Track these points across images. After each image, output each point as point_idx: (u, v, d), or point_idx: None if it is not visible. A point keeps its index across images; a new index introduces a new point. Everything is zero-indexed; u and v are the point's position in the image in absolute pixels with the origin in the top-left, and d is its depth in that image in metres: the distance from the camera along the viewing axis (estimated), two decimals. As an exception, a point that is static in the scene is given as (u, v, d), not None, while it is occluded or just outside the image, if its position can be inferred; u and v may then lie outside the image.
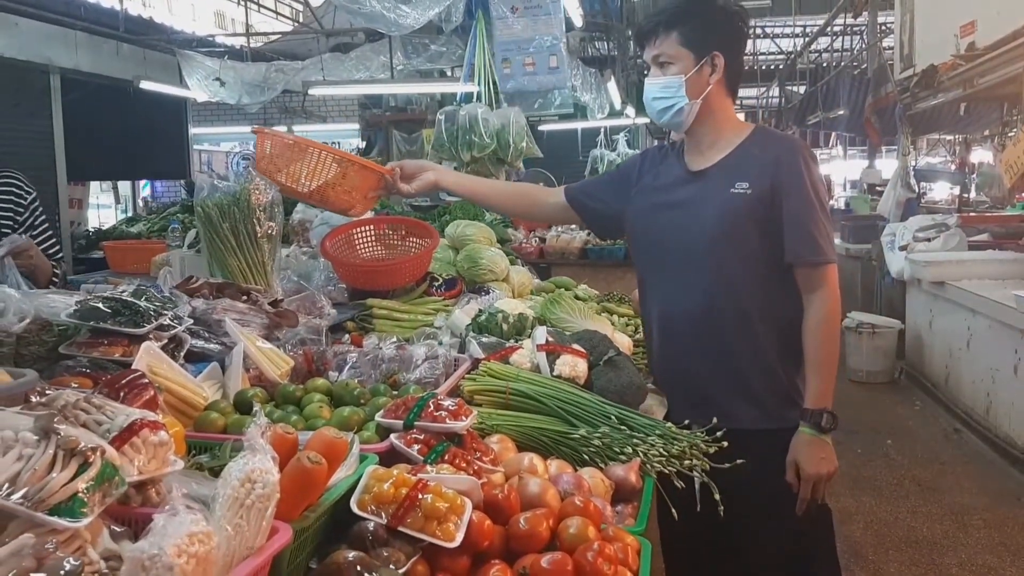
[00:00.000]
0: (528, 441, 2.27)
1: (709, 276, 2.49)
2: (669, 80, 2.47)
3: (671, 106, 2.49)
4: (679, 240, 2.54)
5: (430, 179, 2.78)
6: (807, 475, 2.44)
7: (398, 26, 6.13)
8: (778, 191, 2.43)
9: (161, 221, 8.24)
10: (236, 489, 1.40)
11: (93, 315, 2.23)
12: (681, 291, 2.55)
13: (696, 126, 2.54)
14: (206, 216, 2.82)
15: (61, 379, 2.03)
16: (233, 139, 18.02)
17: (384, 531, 1.64)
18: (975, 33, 7.13)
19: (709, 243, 2.48)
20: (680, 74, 2.46)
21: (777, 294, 2.50)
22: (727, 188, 2.47)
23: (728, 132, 2.56)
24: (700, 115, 2.51)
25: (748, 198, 2.44)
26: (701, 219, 2.49)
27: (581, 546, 1.69)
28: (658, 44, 2.48)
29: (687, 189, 2.57)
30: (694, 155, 2.61)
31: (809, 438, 2.44)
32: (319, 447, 1.65)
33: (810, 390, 2.46)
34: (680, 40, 2.45)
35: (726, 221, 2.46)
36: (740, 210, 2.45)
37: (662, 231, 2.59)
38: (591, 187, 2.92)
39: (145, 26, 9.72)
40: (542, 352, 2.62)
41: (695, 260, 2.51)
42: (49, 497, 1.26)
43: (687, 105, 2.48)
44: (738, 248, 2.47)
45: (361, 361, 2.59)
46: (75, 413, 1.51)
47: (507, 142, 6.07)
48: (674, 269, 2.56)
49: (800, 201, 2.43)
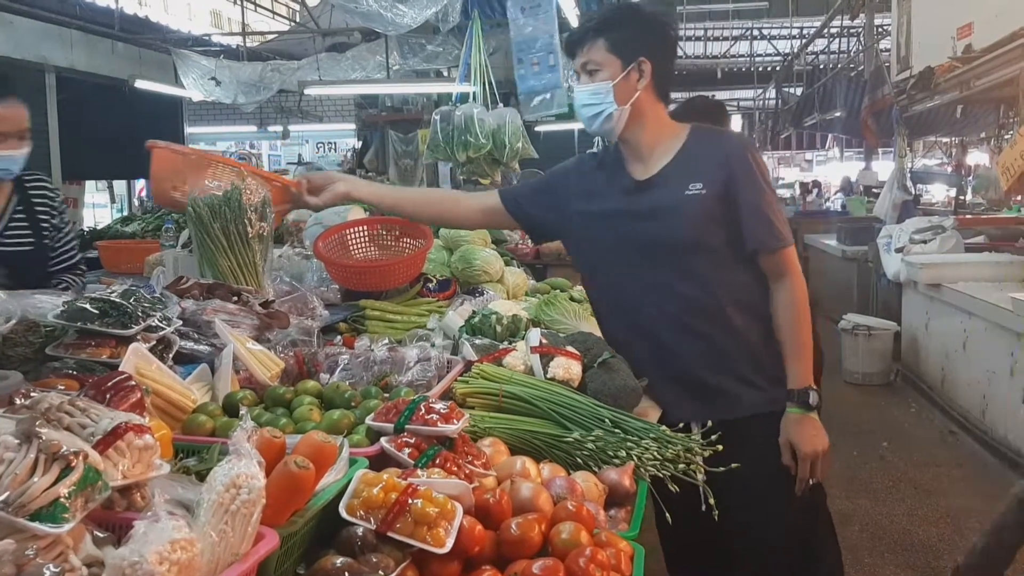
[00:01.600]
0: (521, 444, 2.25)
1: (681, 278, 2.55)
2: (597, 86, 2.51)
3: (600, 112, 2.53)
4: (644, 248, 2.58)
5: (340, 190, 2.82)
6: (804, 454, 2.51)
7: (395, 25, 6.12)
8: (732, 186, 2.50)
9: (156, 220, 8.18)
10: (221, 495, 1.38)
11: (80, 316, 2.21)
12: (654, 296, 2.59)
13: (628, 133, 2.58)
14: (197, 216, 2.80)
15: (47, 381, 2.01)
16: (229, 139, 18.01)
17: (373, 536, 1.62)
18: (972, 35, 7.12)
19: (676, 247, 2.54)
20: (607, 80, 2.50)
21: (747, 282, 2.59)
22: (681, 191, 2.52)
23: (666, 137, 2.61)
24: (630, 121, 2.55)
25: (705, 198, 2.50)
26: (663, 225, 2.54)
27: (573, 552, 1.66)
28: (586, 51, 2.52)
29: (640, 198, 2.60)
30: (636, 163, 2.64)
31: (798, 417, 2.52)
32: (307, 451, 1.62)
33: (791, 372, 2.55)
34: (607, 47, 2.50)
35: (688, 223, 2.51)
36: (699, 211, 2.50)
37: (620, 241, 2.62)
38: (529, 192, 2.93)
39: (141, 25, 9.70)
40: (536, 354, 2.59)
41: (665, 265, 2.56)
42: (30, 502, 1.24)
43: (616, 111, 2.52)
44: (705, 247, 2.53)
45: (353, 363, 2.57)
46: (58, 416, 1.48)
47: (503, 142, 6.05)
48: (642, 277, 2.60)
49: (755, 191, 2.51)
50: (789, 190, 22.71)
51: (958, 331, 6.93)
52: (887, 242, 8.84)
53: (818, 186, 21.73)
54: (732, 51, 20.66)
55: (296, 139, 17.00)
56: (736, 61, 20.85)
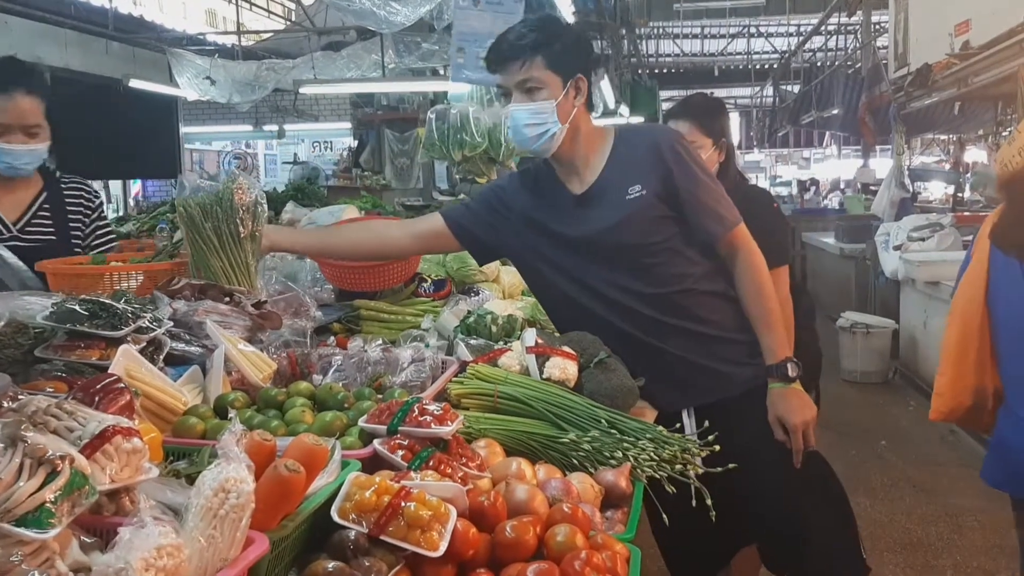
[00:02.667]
0: (516, 445, 2.23)
1: (643, 281, 2.57)
2: (540, 105, 2.46)
3: (544, 132, 2.49)
4: (598, 260, 2.58)
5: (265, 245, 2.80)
6: (793, 425, 2.53)
7: (389, 23, 6.09)
8: (668, 180, 2.51)
9: (151, 220, 8.16)
10: (209, 499, 1.36)
11: (69, 317, 2.18)
12: (621, 305, 2.59)
13: (564, 150, 2.56)
14: (188, 216, 2.77)
15: (36, 383, 1.98)
16: (224, 138, 17.98)
17: (365, 540, 1.60)
18: (969, 32, 7.11)
19: (630, 252, 2.55)
20: (550, 99, 2.46)
21: (708, 269, 2.62)
22: (622, 197, 2.52)
23: (597, 146, 2.60)
24: (567, 138, 2.54)
25: (646, 198, 2.51)
26: (612, 234, 2.54)
27: (569, 554, 1.64)
28: (524, 69, 2.45)
29: (583, 211, 2.59)
30: (571, 178, 2.63)
31: (781, 391, 2.55)
32: (298, 454, 1.60)
33: (765, 346, 2.58)
34: (546, 64, 2.45)
35: (636, 227, 2.52)
36: (644, 212, 2.51)
37: (572, 257, 2.62)
38: (470, 213, 2.86)
39: (135, 24, 9.67)
40: (531, 354, 2.57)
41: (623, 272, 2.57)
42: (15, 507, 1.22)
43: (559, 130, 2.50)
44: (657, 245, 2.55)
45: (346, 364, 2.54)
46: (45, 419, 1.46)
47: (499, 141, 6.02)
48: (603, 289, 2.60)
49: (692, 181, 2.53)
50: (787, 188, 22.73)
51: (956, 329, 6.90)
52: (885, 240, 8.84)
53: (816, 184, 21.76)
54: (729, 48, 20.70)
55: (292, 138, 16.96)
56: (733, 59, 20.89)
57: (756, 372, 2.61)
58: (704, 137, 3.25)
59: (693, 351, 2.60)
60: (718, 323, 2.62)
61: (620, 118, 12.67)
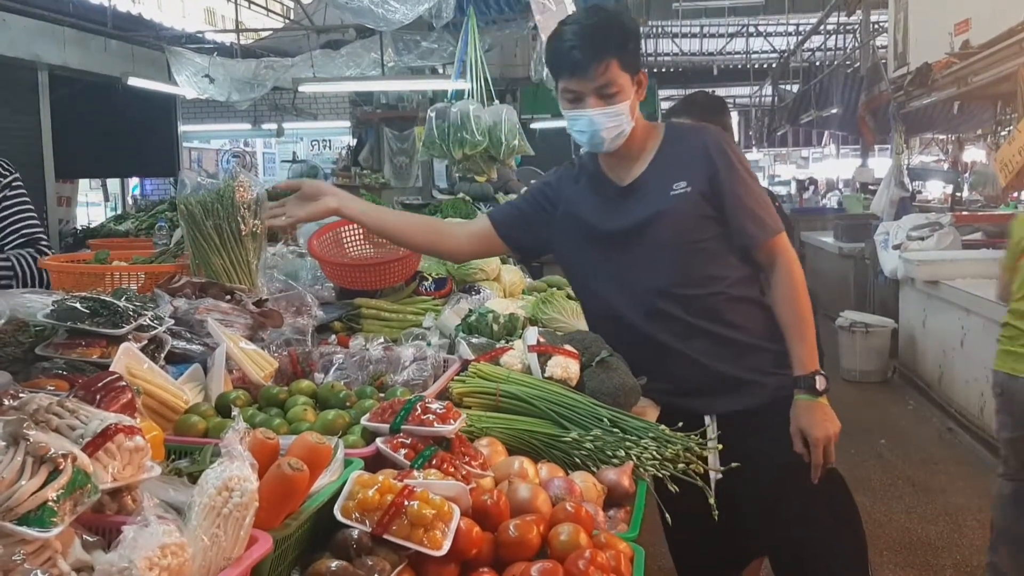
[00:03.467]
0: (519, 444, 2.22)
1: (680, 278, 2.52)
2: (618, 108, 2.43)
3: (620, 133, 2.47)
4: (637, 254, 2.55)
5: (330, 205, 2.64)
6: (815, 439, 2.46)
7: (387, 21, 6.08)
8: (715, 180, 2.48)
9: (150, 219, 8.15)
10: (212, 498, 1.35)
11: (70, 315, 2.17)
12: (655, 302, 2.55)
13: (624, 144, 2.53)
14: (189, 214, 2.76)
15: (37, 381, 1.98)
16: (223, 136, 17.96)
17: (368, 539, 1.59)
18: (969, 31, 7.11)
19: (669, 249, 2.51)
20: (625, 100, 2.44)
21: (744, 275, 2.58)
22: (666, 191, 2.50)
23: (647, 139, 2.57)
24: None
25: (690, 195, 2.48)
26: (654, 228, 2.51)
27: (572, 554, 1.64)
28: (603, 75, 2.40)
29: (625, 203, 2.57)
30: (619, 170, 2.60)
31: (807, 403, 2.48)
32: (301, 453, 1.59)
33: (796, 357, 2.52)
34: (620, 66, 2.42)
35: (679, 223, 2.49)
36: (687, 209, 2.48)
37: (611, 250, 2.59)
38: (516, 212, 2.83)
39: (133, 22, 9.66)
40: (533, 353, 2.57)
41: (660, 269, 2.53)
42: (17, 506, 1.21)
43: (630, 128, 2.48)
44: (697, 245, 2.51)
45: (348, 362, 2.54)
46: (47, 417, 1.45)
47: (499, 139, 6.01)
48: (639, 283, 2.56)
49: (738, 183, 2.49)
50: (785, 187, 22.72)
51: (956, 328, 6.91)
52: (884, 239, 8.84)
53: (814, 183, 21.77)
54: (728, 48, 20.70)
55: (291, 137, 16.95)
56: (732, 58, 20.89)
57: (781, 382, 2.55)
58: (705, 136, 3.25)
59: (721, 357, 2.55)
60: (748, 330, 2.57)
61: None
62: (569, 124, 2.53)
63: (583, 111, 2.44)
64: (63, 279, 2.79)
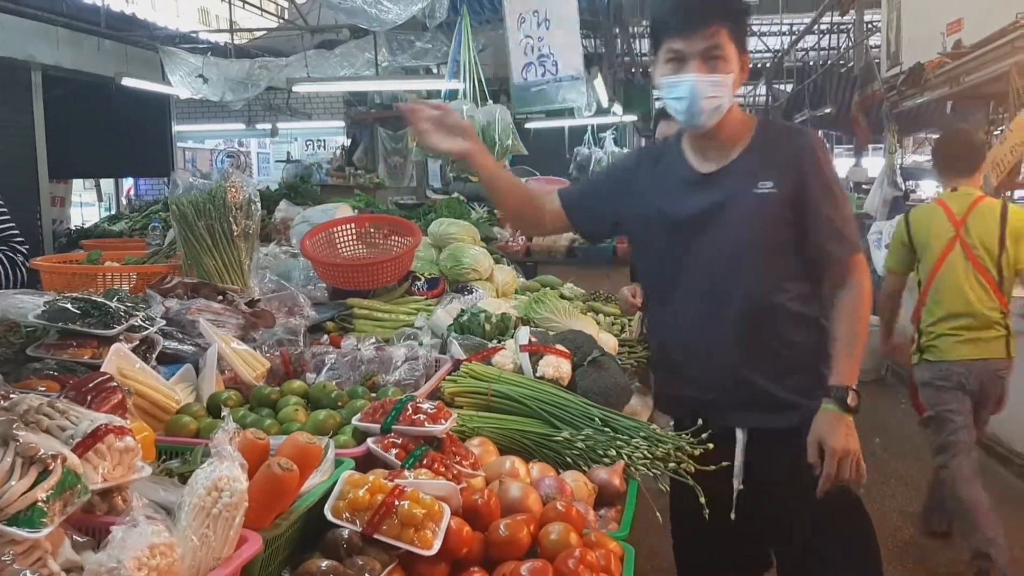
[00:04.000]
0: (510, 444, 2.23)
1: (747, 279, 2.38)
2: (723, 78, 2.28)
3: (718, 107, 2.32)
4: (708, 246, 2.41)
5: (465, 148, 2.48)
6: (833, 449, 2.30)
7: (379, 21, 6.08)
8: (802, 188, 2.34)
9: (144, 219, 8.15)
10: (202, 498, 1.35)
11: (62, 316, 2.17)
12: (717, 297, 2.41)
13: (715, 127, 2.38)
14: (181, 214, 2.77)
15: (28, 382, 1.98)
16: (217, 136, 17.93)
17: (359, 539, 1.60)
18: (962, 31, 7.12)
19: (744, 247, 2.38)
20: (730, 72, 2.30)
21: (810, 288, 2.45)
22: (750, 189, 2.36)
23: (739, 129, 2.44)
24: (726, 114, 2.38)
25: (775, 198, 2.34)
26: (731, 223, 2.38)
27: (562, 553, 1.64)
28: (711, 36, 2.26)
29: (704, 193, 2.42)
30: (703, 156, 2.46)
31: (834, 414, 2.32)
32: (291, 453, 1.60)
33: (837, 367, 2.36)
34: (730, 35, 2.30)
35: (758, 223, 2.36)
36: (769, 210, 2.35)
37: (681, 237, 2.44)
38: (587, 195, 2.72)
39: (127, 22, 9.65)
40: (525, 353, 2.58)
41: (730, 264, 2.39)
42: (7, 506, 1.22)
43: (729, 106, 2.35)
44: (771, 248, 2.38)
45: (339, 362, 2.54)
46: (37, 418, 1.45)
47: (493, 139, 6.01)
48: (705, 275, 2.42)
49: (825, 194, 2.36)
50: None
51: (948, 327, 6.91)
52: (877, 238, 8.83)
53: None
54: (722, 48, 20.65)
55: (285, 137, 16.93)
56: (726, 58, 20.84)
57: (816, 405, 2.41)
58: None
59: (768, 372, 2.42)
60: (800, 347, 2.43)
61: (613, 117, 12.66)
62: (666, 92, 2.36)
63: (685, 75, 2.29)
64: (55, 280, 2.79)
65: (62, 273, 2.82)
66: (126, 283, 2.81)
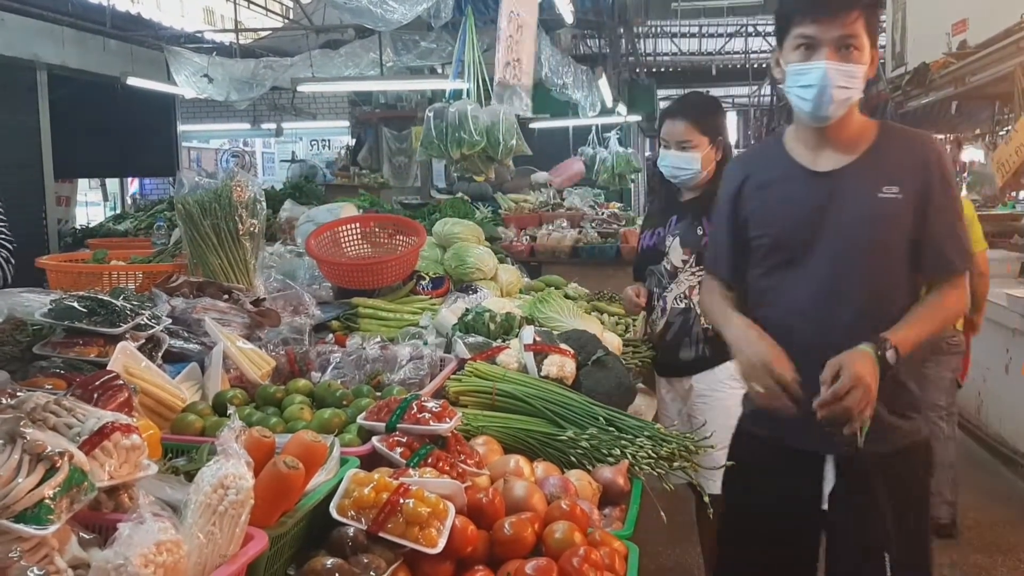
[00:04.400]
0: (514, 443, 2.23)
1: (859, 285, 2.23)
2: (856, 68, 2.16)
3: (848, 98, 2.19)
4: (821, 247, 2.26)
5: None
6: (852, 373, 2.03)
7: (385, 21, 6.08)
8: (927, 197, 2.21)
9: (149, 219, 8.17)
10: (208, 495, 1.36)
11: (68, 314, 2.18)
12: (825, 304, 2.26)
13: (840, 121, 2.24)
14: (187, 213, 2.77)
15: (34, 380, 1.99)
16: (222, 136, 17.95)
17: (364, 537, 1.61)
18: (967, 31, 7.12)
19: (860, 251, 2.23)
20: (863, 64, 2.17)
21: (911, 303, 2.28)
22: (873, 192, 2.22)
23: (861, 129, 2.30)
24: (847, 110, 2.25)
25: (899, 203, 2.20)
26: (849, 225, 2.23)
27: (567, 551, 1.65)
28: (850, 24, 2.13)
29: (816, 192, 2.27)
30: (815, 153, 2.31)
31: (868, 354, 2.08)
32: (297, 451, 1.60)
33: (901, 329, 2.16)
34: (865, 26, 2.16)
35: (877, 228, 2.22)
36: (890, 216, 2.21)
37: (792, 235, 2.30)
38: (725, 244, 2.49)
39: (132, 22, 9.65)
40: (529, 352, 2.58)
41: (844, 268, 2.24)
42: (14, 503, 1.22)
43: (858, 99, 2.22)
44: (888, 255, 2.24)
45: (344, 361, 2.55)
46: (44, 416, 1.46)
47: (497, 139, 6.00)
48: (814, 278, 2.26)
49: (949, 203, 2.24)
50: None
51: (953, 327, 6.91)
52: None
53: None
54: (727, 48, 20.69)
55: (290, 136, 16.95)
56: (731, 58, 20.87)
57: (914, 427, 2.30)
58: (700, 136, 3.23)
59: None
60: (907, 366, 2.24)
61: (618, 117, 12.65)
62: (792, 80, 2.22)
63: (816, 62, 2.15)
64: (61, 278, 2.80)
65: (68, 272, 2.83)
66: (132, 282, 2.83)
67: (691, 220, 3.24)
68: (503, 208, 9.10)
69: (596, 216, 8.18)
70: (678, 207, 3.33)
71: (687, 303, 3.20)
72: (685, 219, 3.26)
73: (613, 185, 11.45)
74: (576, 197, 9.27)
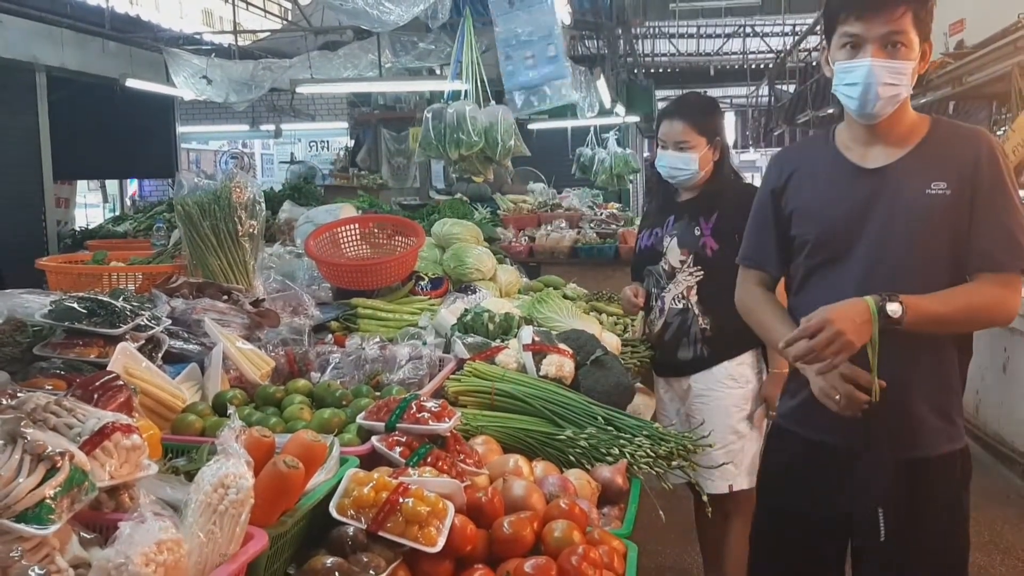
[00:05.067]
0: (513, 442, 2.24)
1: (903, 282, 2.13)
2: (904, 65, 2.12)
3: (896, 95, 2.15)
4: (865, 243, 2.21)
5: None
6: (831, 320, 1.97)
7: (382, 23, 6.09)
8: (978, 193, 2.15)
9: (148, 220, 8.17)
10: (208, 495, 1.37)
11: (68, 315, 2.19)
12: None
13: (890, 117, 2.20)
14: (186, 214, 2.78)
15: (35, 381, 1.99)
16: (221, 138, 17.97)
17: (364, 536, 1.61)
18: (964, 31, 7.13)
19: (906, 248, 2.18)
20: (911, 60, 2.13)
21: None
22: (921, 188, 2.16)
23: (911, 125, 2.25)
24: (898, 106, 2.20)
25: (947, 200, 2.15)
26: (897, 222, 2.18)
27: (566, 550, 1.66)
28: (896, 20, 2.10)
29: (864, 189, 2.23)
30: (864, 149, 2.27)
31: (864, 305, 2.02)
32: (297, 451, 1.61)
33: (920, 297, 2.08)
34: (913, 22, 2.12)
35: (926, 225, 2.16)
36: (938, 213, 2.15)
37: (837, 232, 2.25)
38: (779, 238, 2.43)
39: (131, 24, 9.66)
40: (528, 352, 2.59)
41: (887, 265, 2.19)
42: (15, 503, 1.23)
43: (906, 95, 2.17)
44: (934, 252, 2.18)
45: (344, 362, 2.56)
46: (45, 416, 1.47)
47: (495, 140, 6.01)
48: (857, 275, 2.21)
49: (1001, 196, 2.15)
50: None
51: (951, 327, 6.92)
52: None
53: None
54: (725, 48, 20.70)
55: (288, 138, 16.95)
56: (729, 58, 20.89)
57: (956, 433, 2.22)
58: (698, 136, 3.24)
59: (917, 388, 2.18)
60: (950, 363, 2.23)
61: (616, 117, 12.65)
62: (839, 78, 2.20)
63: (861, 60, 2.13)
64: (61, 280, 2.80)
65: (68, 273, 2.84)
66: (132, 283, 2.83)
67: (688, 220, 3.24)
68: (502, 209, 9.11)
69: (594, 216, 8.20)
70: (676, 207, 3.33)
71: (685, 303, 3.20)
72: (683, 219, 3.27)
73: (611, 186, 11.46)
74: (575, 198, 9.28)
